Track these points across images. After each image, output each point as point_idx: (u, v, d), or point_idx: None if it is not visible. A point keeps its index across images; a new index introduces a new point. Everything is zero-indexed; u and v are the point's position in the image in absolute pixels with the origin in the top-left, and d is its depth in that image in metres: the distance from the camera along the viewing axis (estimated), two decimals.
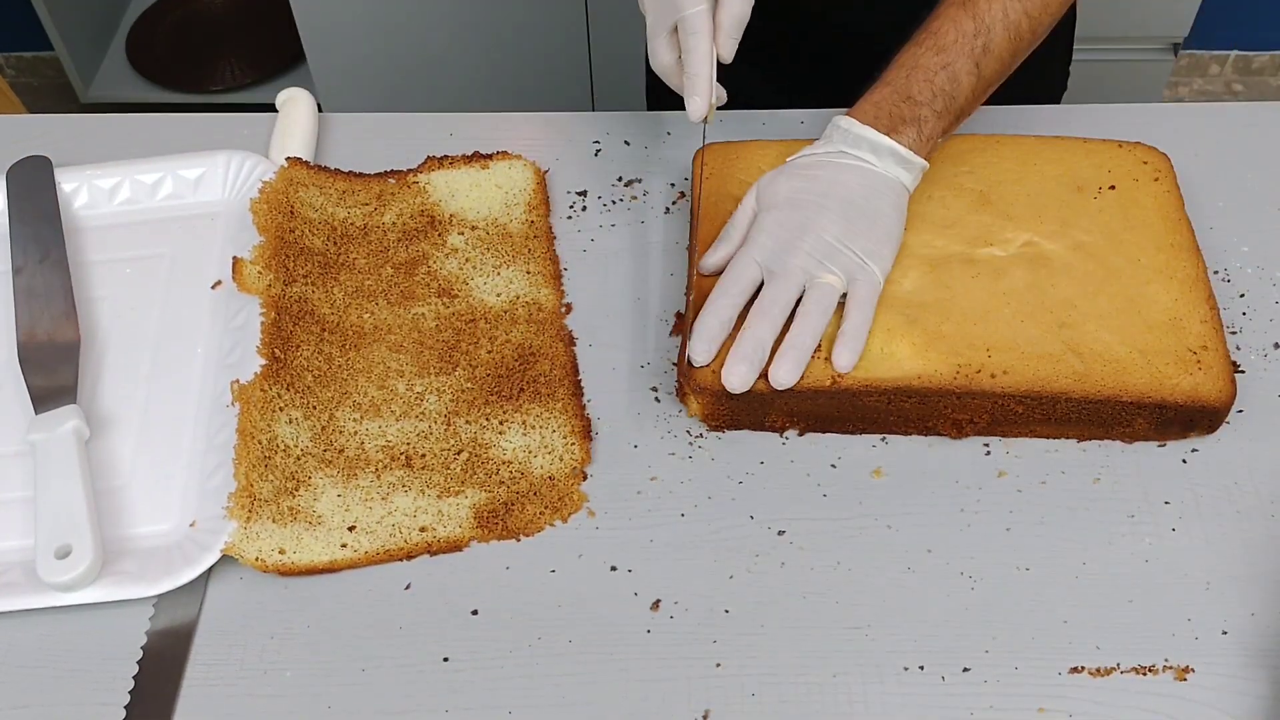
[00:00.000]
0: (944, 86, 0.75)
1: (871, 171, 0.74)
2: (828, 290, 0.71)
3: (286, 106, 0.90)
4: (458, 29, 1.65)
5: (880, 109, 0.75)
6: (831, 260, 0.71)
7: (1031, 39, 0.78)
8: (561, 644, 0.65)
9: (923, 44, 0.76)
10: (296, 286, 0.78)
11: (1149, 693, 0.62)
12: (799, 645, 0.64)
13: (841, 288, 0.71)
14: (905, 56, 0.76)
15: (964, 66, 0.75)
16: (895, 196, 0.74)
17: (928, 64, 0.75)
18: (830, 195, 0.73)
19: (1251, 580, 0.66)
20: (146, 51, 2.10)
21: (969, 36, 0.75)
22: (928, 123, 0.75)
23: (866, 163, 0.74)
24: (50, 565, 0.65)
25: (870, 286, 0.72)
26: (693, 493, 0.71)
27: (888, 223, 0.73)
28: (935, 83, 0.75)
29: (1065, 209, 0.77)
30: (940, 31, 0.76)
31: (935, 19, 0.77)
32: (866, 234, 0.72)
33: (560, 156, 0.89)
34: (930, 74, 0.75)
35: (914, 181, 0.76)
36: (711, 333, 0.70)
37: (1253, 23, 2.00)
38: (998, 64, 0.77)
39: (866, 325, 0.71)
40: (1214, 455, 0.71)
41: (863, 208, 0.73)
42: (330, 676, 0.64)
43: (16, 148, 0.88)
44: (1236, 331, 0.77)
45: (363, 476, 0.71)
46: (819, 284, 0.71)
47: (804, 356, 0.69)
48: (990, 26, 0.75)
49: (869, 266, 0.72)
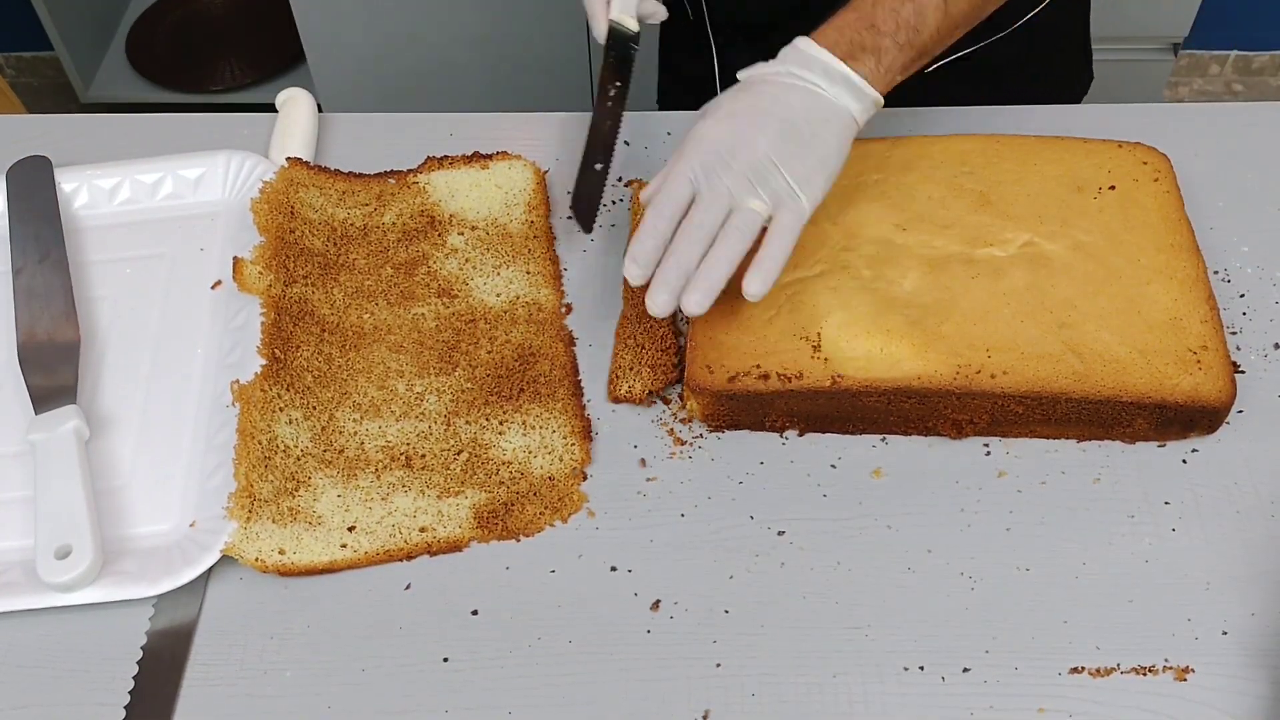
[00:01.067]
0: (909, 19, 0.72)
1: (819, 96, 0.72)
2: (751, 217, 0.69)
3: (286, 106, 0.90)
4: (458, 29, 1.65)
5: (841, 33, 0.72)
6: (761, 183, 0.69)
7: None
8: (561, 644, 0.65)
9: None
10: (297, 287, 0.78)
11: (1149, 693, 0.62)
12: (799, 645, 0.64)
13: (767, 213, 0.70)
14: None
15: (931, 1, 0.73)
16: (840, 126, 0.72)
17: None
18: (770, 114, 0.71)
19: (1251, 580, 0.66)
20: (146, 51, 2.10)
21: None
22: (888, 53, 0.72)
23: (816, 86, 0.72)
24: (50, 565, 0.65)
25: (795, 216, 0.70)
26: (693, 493, 0.71)
27: (825, 150, 0.71)
28: (901, 14, 0.72)
29: (1065, 209, 0.77)
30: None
31: None
32: (801, 158, 0.70)
33: (560, 156, 0.89)
34: (896, 4, 0.72)
35: (864, 114, 0.73)
36: (646, 253, 0.70)
37: (1253, 23, 2.00)
38: (967, 3, 0.74)
39: (784, 255, 0.69)
40: (1214, 455, 0.71)
41: (802, 131, 0.70)
42: (330, 676, 0.64)
43: (16, 148, 0.88)
44: (1237, 331, 0.77)
45: (363, 477, 0.71)
46: (744, 209, 0.69)
47: (715, 286, 0.69)
48: None
49: (798, 195, 0.70)
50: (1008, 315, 0.72)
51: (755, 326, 0.73)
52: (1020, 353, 0.70)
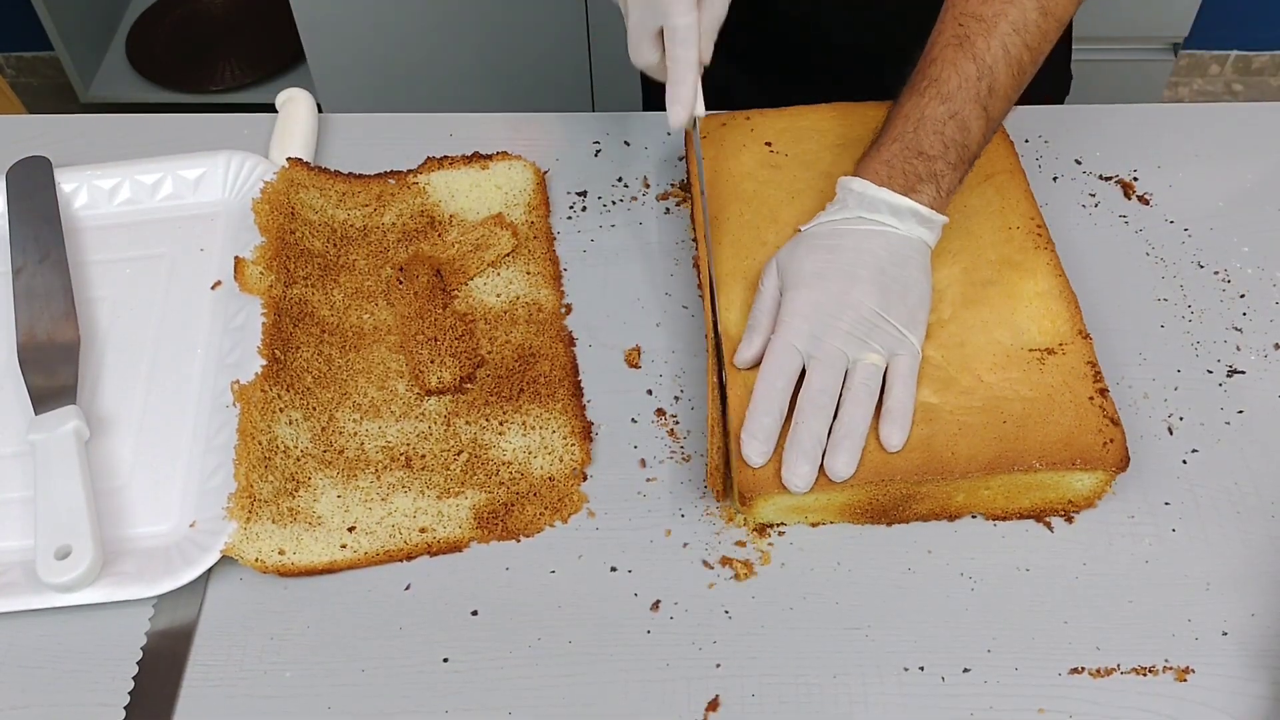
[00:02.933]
0: (955, 136, 0.71)
1: (896, 235, 0.71)
2: (873, 372, 0.67)
3: (286, 106, 0.90)
4: (458, 29, 1.65)
5: (893, 168, 0.71)
6: (871, 337, 0.68)
7: (1033, 68, 0.75)
8: (561, 644, 0.65)
9: (925, 93, 0.72)
10: (297, 288, 0.78)
11: (1149, 693, 0.62)
12: (799, 645, 0.64)
13: (884, 364, 0.68)
14: (909, 107, 0.73)
15: (972, 112, 0.72)
16: (921, 258, 0.71)
17: (934, 114, 0.71)
18: (859, 265, 0.69)
19: (1251, 580, 0.66)
20: (146, 51, 2.11)
21: (973, 80, 0.72)
22: (944, 177, 0.71)
23: (889, 226, 0.71)
24: (50, 565, 0.65)
25: (911, 359, 0.69)
26: (692, 493, 0.71)
27: (919, 288, 0.70)
28: (945, 134, 0.71)
29: None
30: (942, 79, 0.72)
31: (933, 64, 0.73)
32: (901, 302, 0.69)
33: (560, 156, 0.89)
34: (939, 125, 0.71)
35: (935, 238, 0.73)
36: (766, 432, 0.66)
37: (1253, 23, 2.00)
38: (1004, 102, 0.73)
39: (912, 399, 0.68)
40: (1214, 455, 0.71)
41: (894, 275, 0.70)
42: (330, 676, 0.64)
43: (16, 148, 0.88)
44: (1238, 330, 0.77)
45: (362, 477, 0.71)
46: (863, 365, 0.67)
47: (858, 444, 0.66)
48: (993, 67, 0.72)
49: (907, 338, 0.69)
50: None
51: None
52: None
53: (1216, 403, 0.74)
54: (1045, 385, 0.68)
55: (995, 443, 0.66)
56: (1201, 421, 0.73)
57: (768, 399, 0.67)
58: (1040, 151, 0.88)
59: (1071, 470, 0.66)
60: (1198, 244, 0.82)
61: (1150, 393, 0.74)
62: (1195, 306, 0.78)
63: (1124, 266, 0.81)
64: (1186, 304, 0.79)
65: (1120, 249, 0.82)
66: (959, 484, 0.67)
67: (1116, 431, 0.67)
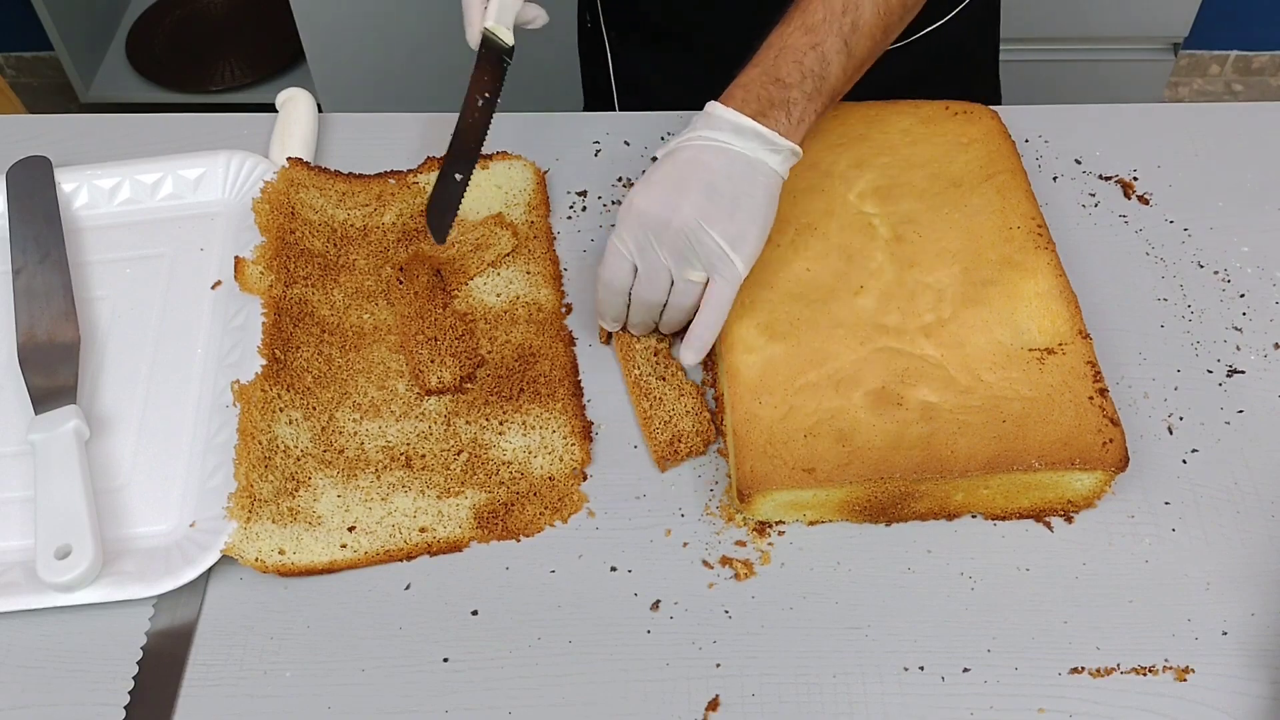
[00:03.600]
0: (813, 67, 0.72)
1: (735, 153, 0.71)
2: (690, 289, 0.72)
3: (286, 106, 0.90)
4: (458, 29, 1.64)
5: (749, 92, 0.72)
6: (693, 251, 0.70)
7: (903, 13, 0.76)
8: (561, 644, 0.65)
9: (791, 23, 0.74)
10: (297, 288, 0.78)
11: (1149, 693, 0.62)
12: (799, 645, 0.64)
13: (704, 280, 0.71)
14: (774, 37, 0.74)
15: (833, 45, 0.72)
16: (765, 181, 0.71)
17: (796, 44, 0.72)
18: (691, 176, 0.70)
19: (1251, 580, 0.66)
20: (146, 51, 2.10)
21: (837, 14, 0.73)
22: (797, 105, 0.72)
23: (730, 145, 0.71)
24: (50, 565, 0.65)
25: (727, 284, 0.70)
26: (692, 493, 0.71)
27: (752, 206, 0.71)
28: (804, 64, 0.72)
29: None
30: (809, 10, 0.73)
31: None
32: (728, 218, 0.70)
33: (560, 156, 0.89)
34: (799, 55, 0.72)
35: (784, 165, 0.73)
36: (608, 323, 0.76)
37: (1253, 23, 2.00)
38: (869, 41, 0.74)
39: (718, 325, 0.71)
40: (1214, 455, 0.71)
41: (725, 190, 0.70)
42: (330, 676, 0.64)
43: (16, 148, 0.88)
44: (1238, 330, 0.77)
45: (362, 477, 0.71)
46: (682, 282, 0.72)
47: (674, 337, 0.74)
48: (859, 3, 0.73)
49: (731, 258, 0.70)
50: None
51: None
52: None
53: (1216, 402, 0.74)
54: (1045, 385, 0.68)
55: (995, 442, 0.66)
56: (1201, 421, 0.73)
57: (608, 300, 0.75)
58: (1040, 151, 0.88)
59: (1071, 470, 0.66)
60: (1198, 244, 0.82)
61: (1150, 392, 0.74)
62: (1195, 306, 0.78)
63: (1124, 266, 0.81)
64: (1186, 304, 0.79)
65: (1120, 249, 0.82)
66: (958, 483, 0.67)
67: (1116, 431, 0.67)
